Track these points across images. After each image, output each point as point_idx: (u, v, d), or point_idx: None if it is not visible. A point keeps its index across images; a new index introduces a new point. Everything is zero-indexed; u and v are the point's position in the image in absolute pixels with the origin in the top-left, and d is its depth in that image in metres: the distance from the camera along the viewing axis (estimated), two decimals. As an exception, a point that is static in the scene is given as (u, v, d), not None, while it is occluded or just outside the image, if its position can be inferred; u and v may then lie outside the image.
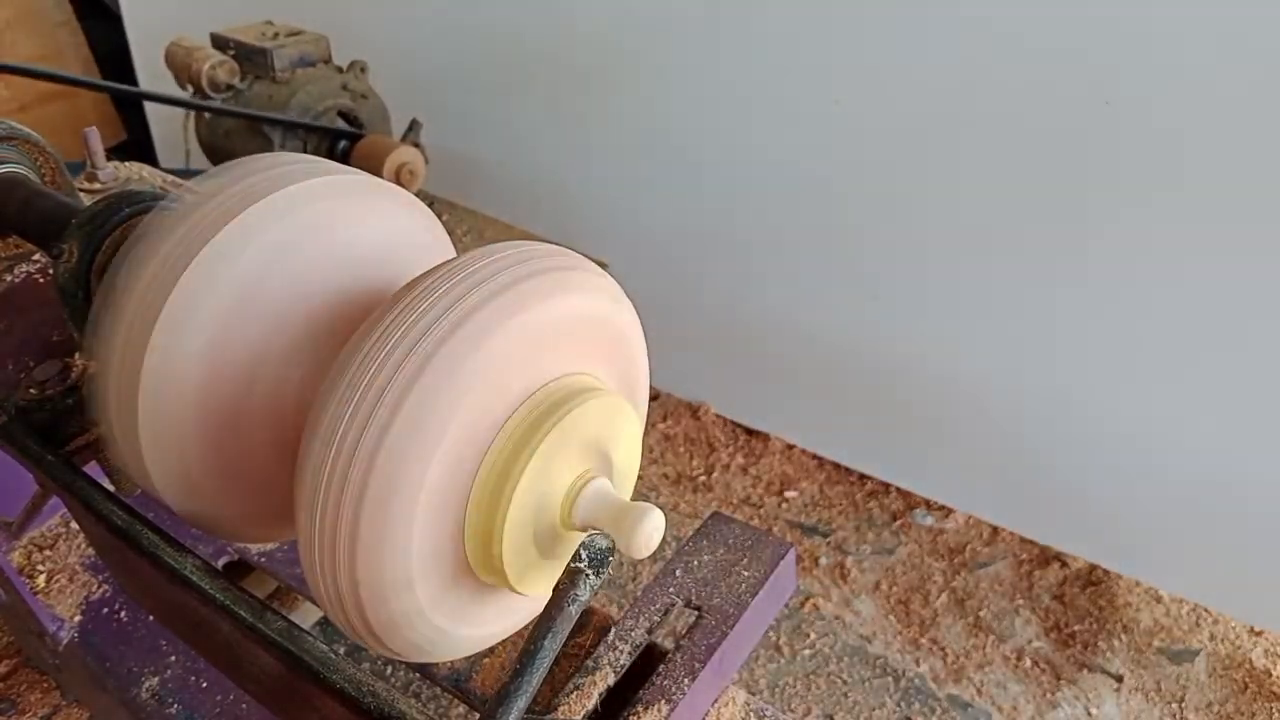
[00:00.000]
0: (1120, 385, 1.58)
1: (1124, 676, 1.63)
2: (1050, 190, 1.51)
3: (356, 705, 0.53)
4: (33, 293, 0.93)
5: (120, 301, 0.56)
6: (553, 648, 0.49)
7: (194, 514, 0.61)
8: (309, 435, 0.50)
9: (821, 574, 1.84)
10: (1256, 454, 1.50)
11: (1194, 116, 1.35)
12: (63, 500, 0.86)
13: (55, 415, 0.76)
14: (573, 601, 0.50)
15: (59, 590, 1.18)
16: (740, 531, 0.76)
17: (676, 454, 2.11)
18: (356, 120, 1.93)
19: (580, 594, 0.50)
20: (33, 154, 0.91)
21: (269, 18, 1.99)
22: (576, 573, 0.51)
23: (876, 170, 1.68)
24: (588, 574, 0.51)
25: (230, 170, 0.59)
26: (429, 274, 0.53)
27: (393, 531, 0.49)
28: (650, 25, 1.83)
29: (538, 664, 0.49)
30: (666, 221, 2.01)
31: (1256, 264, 1.38)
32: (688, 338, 2.07)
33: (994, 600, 1.77)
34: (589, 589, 0.51)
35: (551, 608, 0.50)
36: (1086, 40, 1.39)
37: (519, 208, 2.11)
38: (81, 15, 2.83)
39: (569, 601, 0.50)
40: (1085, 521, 1.75)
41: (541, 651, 0.49)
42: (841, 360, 1.89)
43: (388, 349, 0.49)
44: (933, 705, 1.59)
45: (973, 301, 1.68)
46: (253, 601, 0.58)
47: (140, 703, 1.07)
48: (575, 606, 0.50)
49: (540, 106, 2.08)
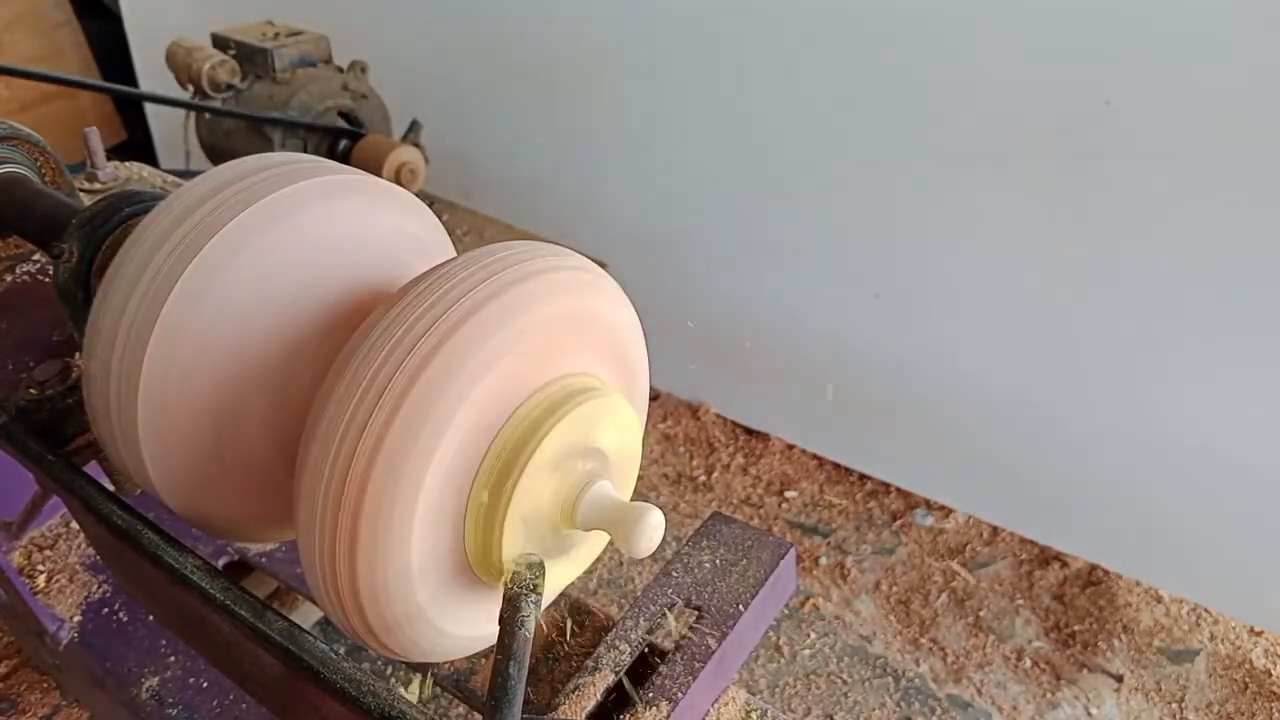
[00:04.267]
0: (1120, 385, 1.58)
1: (1124, 676, 1.63)
2: (1050, 190, 1.51)
3: (356, 705, 0.53)
4: (33, 293, 0.93)
5: (120, 301, 0.56)
6: (519, 675, 0.49)
7: (194, 514, 0.61)
8: (309, 435, 0.50)
9: (821, 574, 1.84)
10: (1256, 454, 1.50)
11: (1194, 116, 1.35)
12: (63, 500, 0.86)
13: (55, 415, 0.76)
14: (521, 625, 0.50)
15: (59, 590, 1.18)
16: (740, 531, 0.76)
17: (676, 454, 2.11)
18: (356, 120, 1.93)
19: (527, 616, 0.50)
20: (33, 154, 0.91)
21: (269, 18, 1.99)
22: (516, 597, 0.51)
23: (877, 170, 1.68)
24: (528, 595, 0.51)
25: (230, 170, 0.59)
26: (429, 274, 0.53)
27: (393, 532, 0.49)
28: (650, 25, 1.83)
29: (511, 695, 0.48)
30: (666, 221, 2.01)
31: (1256, 263, 1.38)
32: (688, 338, 2.07)
33: (994, 600, 1.77)
34: (533, 606, 0.51)
35: (504, 637, 0.50)
36: (1086, 40, 1.39)
37: (519, 208, 2.11)
38: (81, 15, 2.83)
39: (518, 626, 0.50)
40: (1085, 521, 1.75)
41: (510, 681, 0.49)
42: (841, 360, 1.89)
43: (387, 349, 0.49)
44: (933, 705, 1.59)
45: (973, 301, 1.68)
46: (253, 601, 0.58)
47: (140, 703, 1.07)
48: (526, 629, 0.50)
49: (540, 106, 2.08)
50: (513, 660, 0.49)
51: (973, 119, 1.54)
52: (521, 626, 0.50)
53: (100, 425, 0.60)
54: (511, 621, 0.50)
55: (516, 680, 0.49)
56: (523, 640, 0.50)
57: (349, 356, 0.50)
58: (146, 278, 0.55)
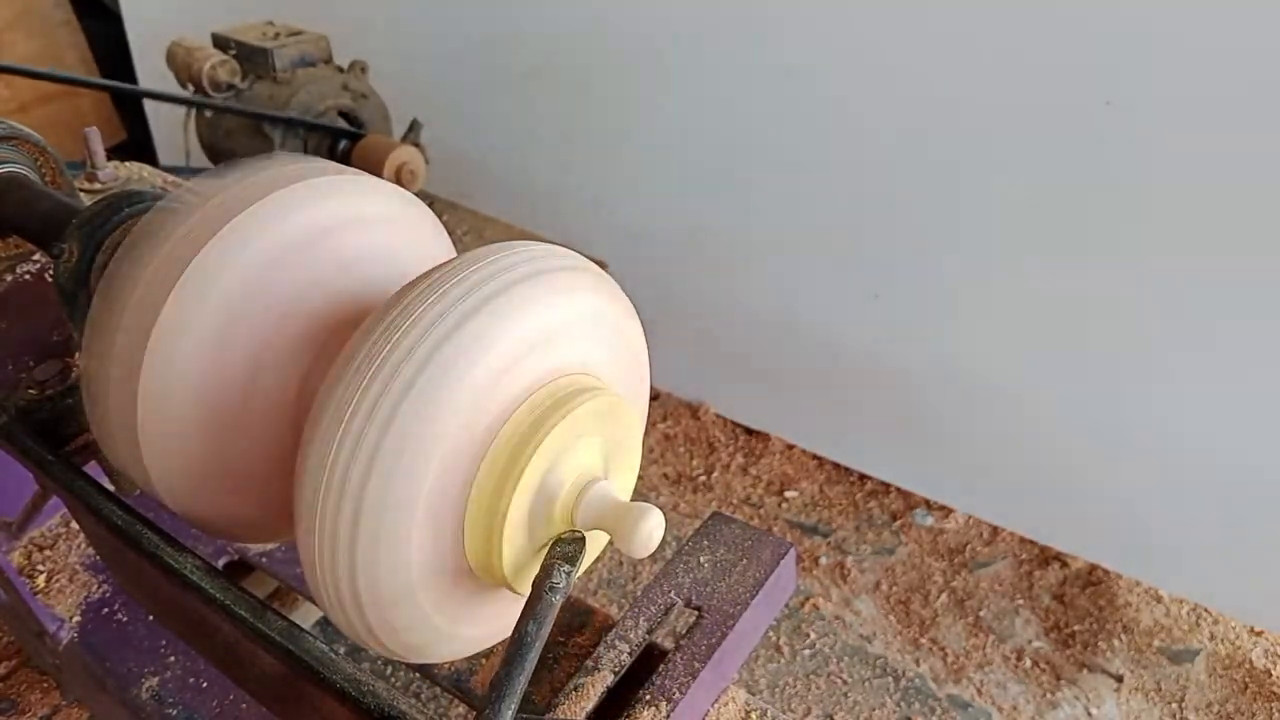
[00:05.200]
0: (1120, 385, 1.58)
1: (1124, 676, 1.63)
2: (1049, 190, 1.51)
3: (356, 705, 0.53)
4: (33, 293, 0.93)
5: (120, 302, 0.56)
6: (539, 635, 0.50)
7: (194, 514, 0.61)
8: (309, 436, 0.50)
9: (821, 574, 1.84)
10: (1256, 453, 1.50)
11: (1194, 116, 1.35)
12: (63, 500, 0.86)
13: (55, 415, 0.76)
14: (551, 590, 0.51)
15: (59, 590, 1.18)
16: (740, 531, 0.76)
17: (676, 454, 2.11)
18: (357, 120, 1.93)
19: (558, 583, 0.51)
20: (33, 154, 0.91)
21: (269, 18, 1.99)
22: (552, 566, 0.52)
23: (877, 170, 1.68)
24: (564, 566, 0.52)
25: (230, 170, 0.59)
26: (429, 274, 0.53)
27: (393, 533, 0.49)
28: (650, 25, 1.83)
29: (526, 654, 0.49)
30: (666, 221, 2.01)
31: (1256, 263, 1.38)
32: (688, 338, 2.07)
33: (994, 600, 1.77)
34: (565, 577, 0.51)
35: (532, 599, 0.51)
36: (1086, 40, 1.39)
37: (519, 208, 2.11)
38: (81, 15, 2.83)
39: (547, 590, 0.51)
40: (1085, 521, 1.75)
41: (528, 639, 0.49)
42: (841, 360, 1.89)
43: (387, 350, 0.49)
44: (933, 705, 1.59)
45: (973, 301, 1.68)
46: (253, 601, 0.58)
47: (140, 703, 1.07)
48: (556, 595, 0.51)
49: (540, 106, 2.08)
50: (534, 619, 0.50)
51: (972, 119, 1.54)
52: (551, 591, 0.51)
53: (99, 425, 0.60)
54: (543, 585, 0.51)
55: (535, 640, 0.49)
56: (548, 605, 0.50)
57: (349, 357, 0.50)
58: (146, 278, 0.55)
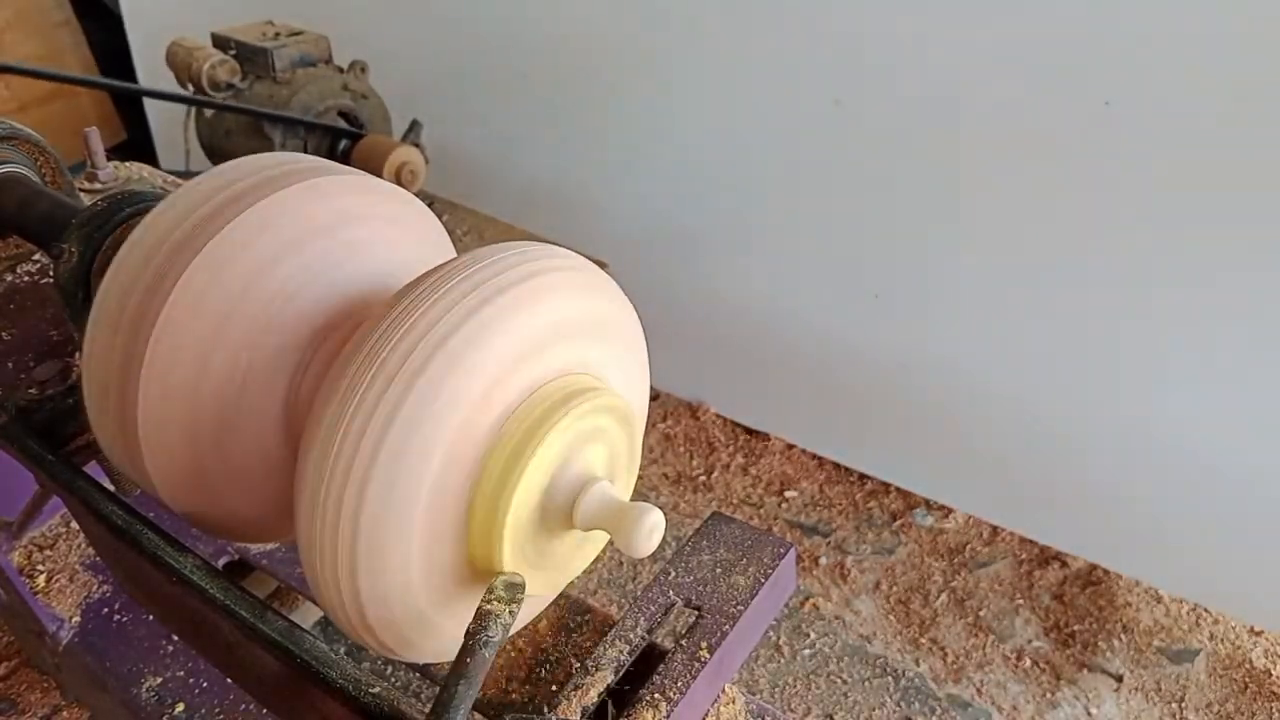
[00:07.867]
0: (1120, 385, 1.58)
1: (1124, 676, 1.63)
2: (1049, 190, 1.51)
3: (356, 705, 0.53)
4: (33, 293, 0.93)
5: (120, 301, 0.56)
6: (467, 696, 0.47)
7: (194, 514, 0.61)
8: (309, 435, 0.50)
9: (821, 574, 1.84)
10: (1256, 453, 1.50)
11: (1194, 117, 1.35)
12: (63, 500, 0.86)
13: (55, 415, 0.76)
14: (485, 645, 0.48)
15: (59, 590, 1.18)
16: (740, 531, 0.76)
17: (676, 454, 2.11)
18: (357, 120, 1.93)
19: (493, 636, 0.48)
20: (33, 154, 0.91)
21: (269, 18, 1.99)
22: (487, 615, 0.49)
23: (876, 170, 1.68)
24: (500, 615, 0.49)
25: (230, 170, 0.59)
26: (429, 274, 0.53)
27: (393, 532, 0.49)
28: (650, 25, 1.83)
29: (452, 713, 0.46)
30: (666, 221, 2.01)
31: (1257, 263, 1.38)
32: (688, 338, 2.07)
33: (994, 600, 1.77)
34: (501, 629, 0.49)
35: (463, 653, 0.48)
36: (1086, 40, 1.39)
37: (519, 208, 2.11)
38: (81, 15, 2.83)
39: (480, 645, 0.48)
40: (1085, 521, 1.75)
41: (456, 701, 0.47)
42: (841, 360, 1.89)
43: (388, 350, 0.49)
44: (933, 705, 1.59)
45: (972, 301, 1.68)
46: (253, 601, 0.58)
47: (140, 703, 1.07)
48: (488, 650, 0.48)
49: (540, 106, 2.08)
50: (464, 679, 0.47)
51: (972, 119, 1.54)
52: (484, 646, 0.48)
53: (100, 425, 0.60)
54: (475, 639, 0.48)
55: (463, 699, 0.46)
56: (480, 661, 0.48)
57: (349, 357, 0.50)
58: (146, 278, 0.55)
